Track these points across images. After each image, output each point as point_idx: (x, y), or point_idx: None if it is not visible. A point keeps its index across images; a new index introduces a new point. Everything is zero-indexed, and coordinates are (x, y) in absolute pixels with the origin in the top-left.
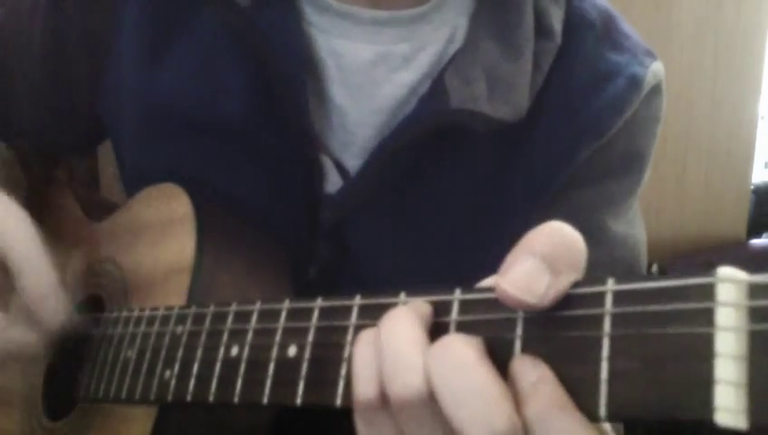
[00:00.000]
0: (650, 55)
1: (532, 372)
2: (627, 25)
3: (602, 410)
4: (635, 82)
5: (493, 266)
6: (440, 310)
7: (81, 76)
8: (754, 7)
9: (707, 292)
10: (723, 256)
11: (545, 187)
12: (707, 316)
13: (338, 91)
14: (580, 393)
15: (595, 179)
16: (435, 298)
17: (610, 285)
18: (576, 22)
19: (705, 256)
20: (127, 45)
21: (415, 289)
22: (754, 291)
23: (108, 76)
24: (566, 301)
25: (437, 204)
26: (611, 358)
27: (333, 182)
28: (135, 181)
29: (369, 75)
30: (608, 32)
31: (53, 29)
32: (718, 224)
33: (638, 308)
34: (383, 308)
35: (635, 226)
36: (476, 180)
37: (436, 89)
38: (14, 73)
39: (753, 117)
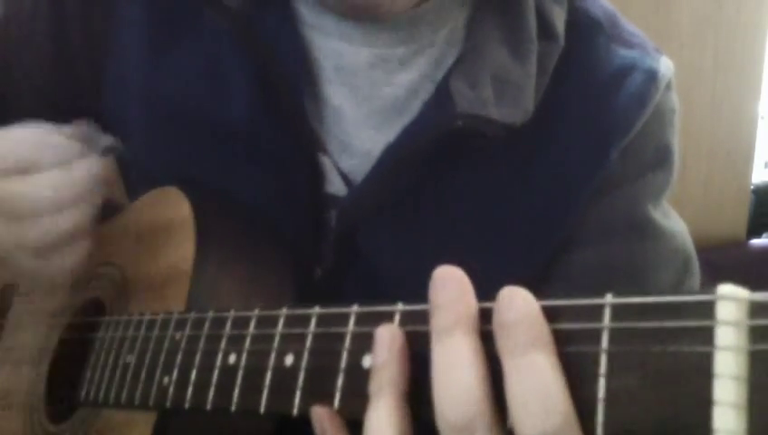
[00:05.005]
0: (658, 51)
1: None
2: (629, 23)
3: (600, 432)
4: (652, 74)
5: (515, 270)
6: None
7: (83, 75)
8: (754, 7)
9: (707, 310)
10: (723, 255)
11: (577, 189)
12: (707, 335)
13: (335, 92)
14: (577, 413)
15: (634, 176)
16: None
17: (609, 299)
18: (583, 21)
19: (705, 255)
20: (129, 45)
21: (412, 300)
22: (755, 309)
23: (109, 75)
24: (563, 314)
25: (454, 209)
26: (608, 375)
27: (334, 182)
28: (138, 182)
29: (367, 77)
30: (615, 30)
31: (55, 30)
32: (718, 224)
33: (637, 324)
34: (380, 316)
35: (678, 222)
36: (494, 185)
37: (441, 94)
38: (15, 73)
39: (753, 117)
